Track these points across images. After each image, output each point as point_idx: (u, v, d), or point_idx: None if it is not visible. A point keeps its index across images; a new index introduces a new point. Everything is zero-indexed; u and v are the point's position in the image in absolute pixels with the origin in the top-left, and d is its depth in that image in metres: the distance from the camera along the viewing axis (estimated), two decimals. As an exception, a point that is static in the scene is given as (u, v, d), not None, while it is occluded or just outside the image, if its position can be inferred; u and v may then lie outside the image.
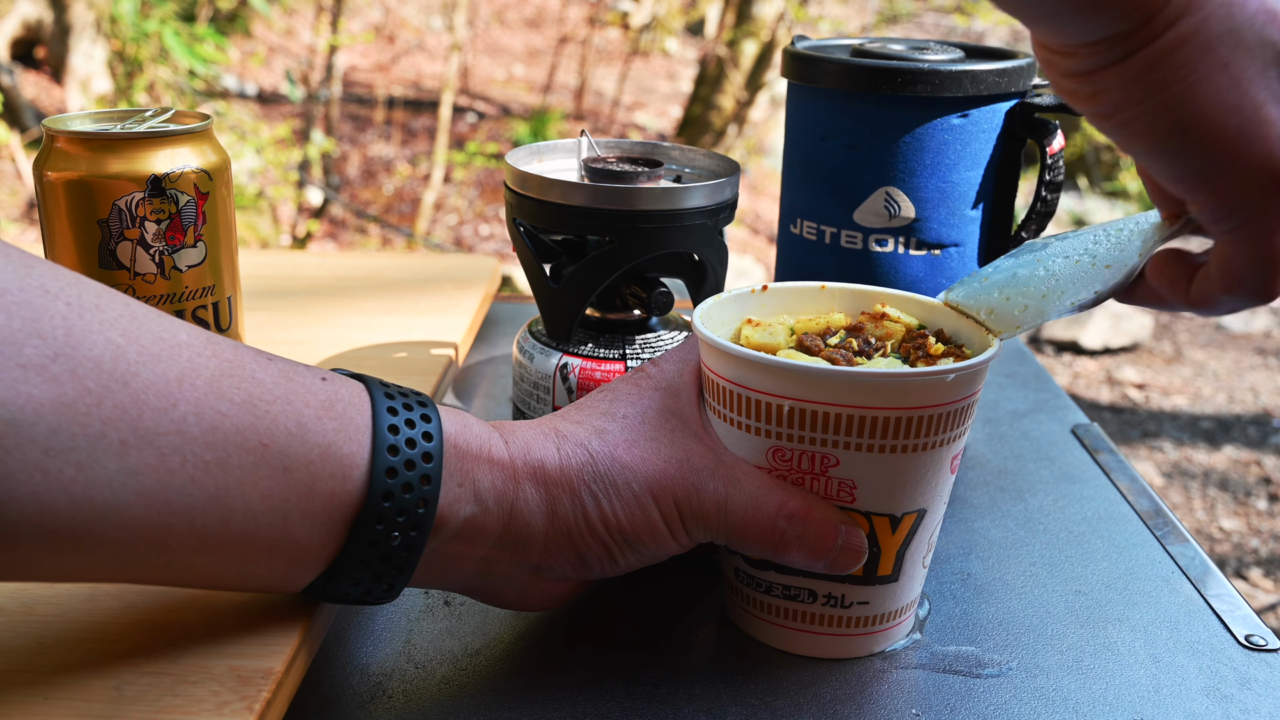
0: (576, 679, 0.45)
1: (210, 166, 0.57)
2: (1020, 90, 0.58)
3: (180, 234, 0.56)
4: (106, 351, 0.34)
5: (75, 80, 3.98)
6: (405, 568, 0.40)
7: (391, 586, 0.41)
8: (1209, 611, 0.51)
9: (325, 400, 0.39)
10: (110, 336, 0.34)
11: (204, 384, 0.36)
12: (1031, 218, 0.60)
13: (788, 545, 0.43)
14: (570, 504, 0.42)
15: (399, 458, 0.39)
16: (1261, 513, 2.49)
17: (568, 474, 0.42)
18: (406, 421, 0.40)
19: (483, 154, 4.59)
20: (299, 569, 0.39)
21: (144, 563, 0.36)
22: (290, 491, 0.37)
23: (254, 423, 0.36)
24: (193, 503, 0.35)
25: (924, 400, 0.42)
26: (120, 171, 0.54)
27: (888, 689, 0.45)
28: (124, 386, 0.34)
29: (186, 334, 0.37)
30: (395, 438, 0.39)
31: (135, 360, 0.34)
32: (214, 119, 0.59)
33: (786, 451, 0.43)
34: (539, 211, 0.55)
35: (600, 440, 0.43)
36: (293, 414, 0.37)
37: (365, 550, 0.39)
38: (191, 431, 0.35)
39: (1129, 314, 3.47)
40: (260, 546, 0.37)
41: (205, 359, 0.36)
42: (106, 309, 0.35)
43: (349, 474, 0.38)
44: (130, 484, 0.34)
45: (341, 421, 0.38)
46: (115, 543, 0.34)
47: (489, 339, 0.85)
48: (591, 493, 0.42)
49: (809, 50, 0.61)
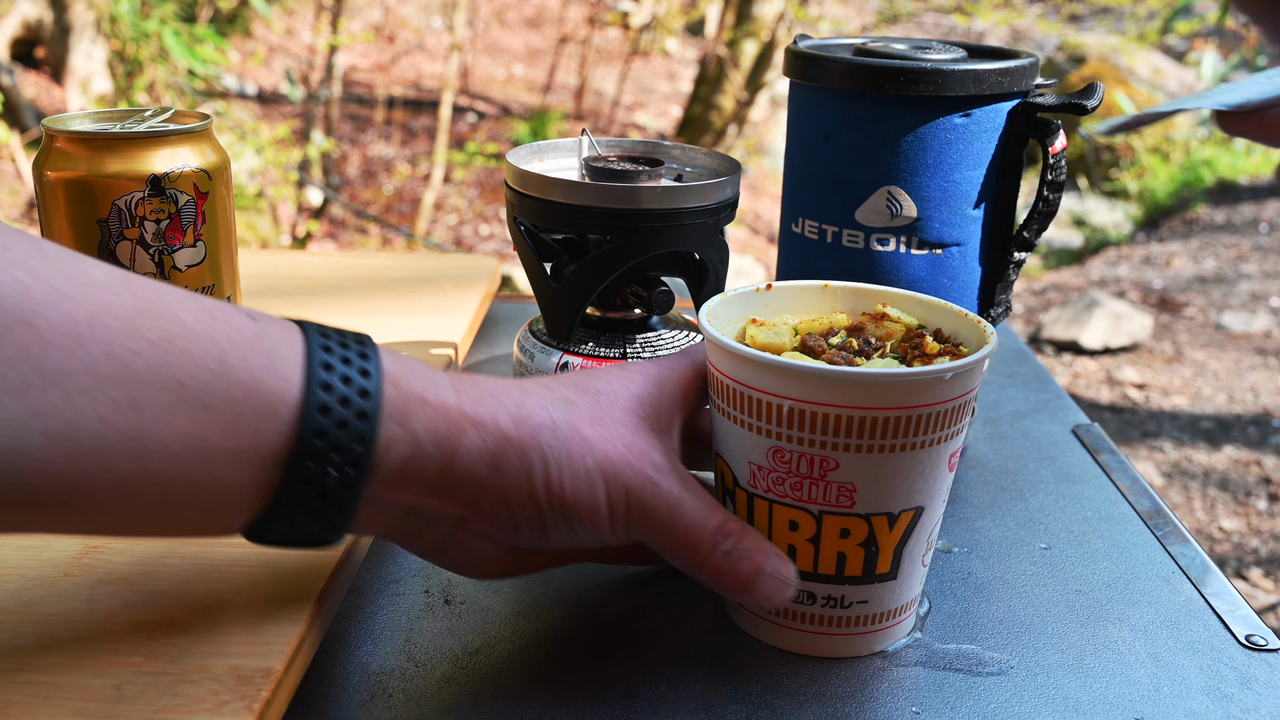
0: (576, 677, 0.45)
1: (210, 166, 0.57)
2: (1023, 90, 0.58)
3: (180, 234, 0.56)
4: (10, 291, 0.33)
5: (75, 80, 3.98)
6: (345, 507, 0.38)
7: (334, 526, 0.39)
8: (1209, 611, 0.51)
9: (251, 337, 0.37)
10: (16, 275, 0.33)
11: (117, 322, 0.34)
12: (1033, 217, 0.60)
13: (716, 562, 0.43)
14: (517, 461, 0.40)
15: (333, 395, 0.37)
16: (1261, 513, 2.49)
17: (522, 432, 0.41)
18: (342, 359, 0.38)
19: (483, 154, 4.59)
20: (230, 511, 0.38)
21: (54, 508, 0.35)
22: (212, 430, 0.35)
23: (170, 360, 0.35)
24: (103, 443, 0.34)
25: (922, 399, 0.42)
26: (120, 171, 0.54)
27: (888, 687, 0.45)
28: (27, 325, 0.33)
29: (103, 273, 0.36)
30: (329, 375, 0.37)
31: (41, 299, 0.33)
32: (214, 119, 0.59)
33: (786, 453, 0.43)
34: (540, 210, 0.55)
35: (565, 409, 0.42)
36: (215, 351, 0.36)
37: (300, 489, 0.37)
38: (101, 371, 0.34)
39: (1129, 314, 3.47)
40: (182, 487, 0.36)
41: (121, 297, 0.35)
42: (14, 249, 0.34)
43: (276, 410, 0.36)
44: (34, 424, 0.33)
45: (269, 358, 0.37)
46: (20, 486, 0.33)
47: (489, 339, 0.85)
48: (543, 457, 0.41)
49: (812, 49, 0.61)
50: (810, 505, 0.44)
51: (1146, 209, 5.26)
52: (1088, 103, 0.57)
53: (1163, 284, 4.00)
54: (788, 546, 0.45)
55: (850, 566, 0.45)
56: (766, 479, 0.44)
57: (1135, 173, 5.66)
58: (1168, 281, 4.03)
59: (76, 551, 0.47)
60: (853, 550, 0.44)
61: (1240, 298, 3.78)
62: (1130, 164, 5.76)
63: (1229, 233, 4.57)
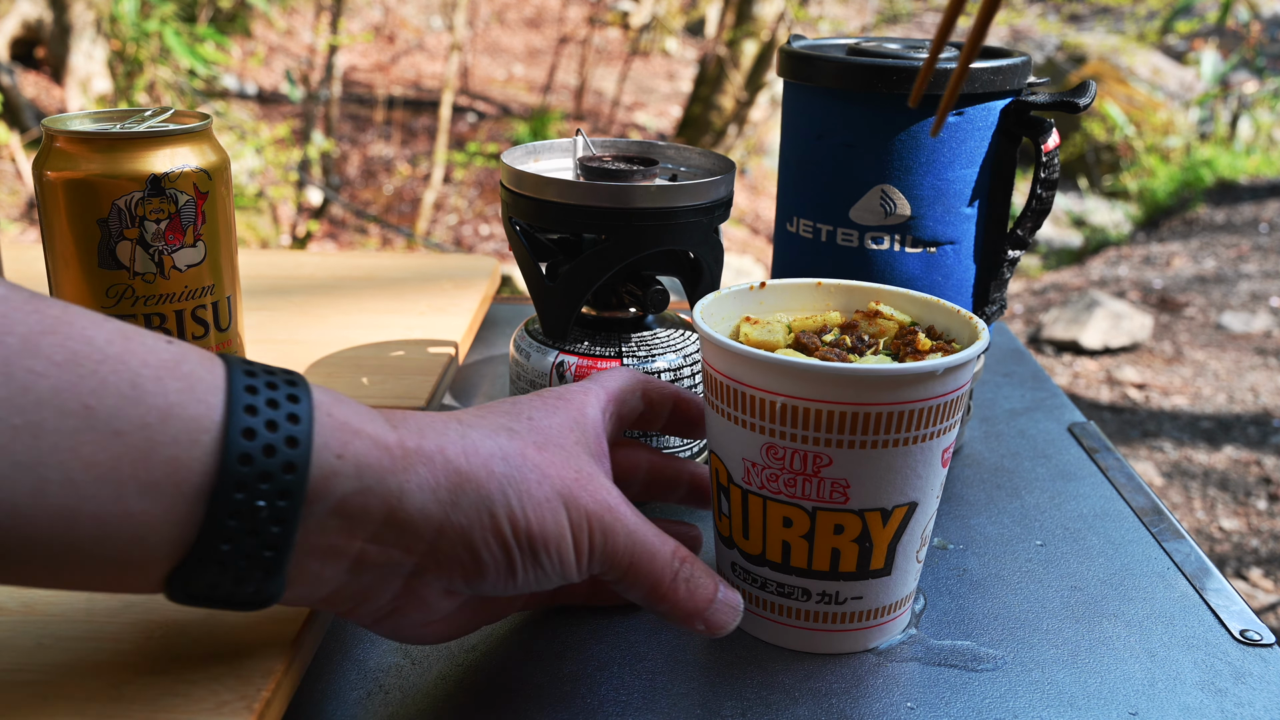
0: (573, 675, 0.45)
1: (210, 166, 0.57)
2: (1015, 88, 0.58)
3: (179, 234, 0.56)
4: None
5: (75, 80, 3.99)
6: (278, 545, 0.35)
7: (268, 572, 0.35)
8: (1204, 607, 0.51)
9: (169, 361, 0.34)
10: None
11: (17, 341, 0.32)
12: (1027, 215, 0.60)
13: (676, 587, 0.41)
14: (475, 497, 0.37)
15: (258, 418, 0.34)
16: (1261, 513, 2.50)
17: (473, 463, 0.38)
18: (268, 384, 0.35)
19: (482, 154, 4.60)
20: (146, 554, 0.34)
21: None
22: (122, 459, 0.32)
23: (77, 383, 0.32)
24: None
25: (914, 395, 0.42)
26: (120, 171, 0.54)
27: (883, 682, 0.45)
28: None
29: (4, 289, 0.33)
30: (253, 397, 0.35)
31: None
32: (214, 119, 0.59)
33: (779, 449, 0.43)
34: (535, 210, 0.56)
35: (509, 436, 0.40)
36: (127, 374, 0.33)
37: (226, 524, 0.34)
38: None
39: (1129, 314, 3.47)
40: (89, 525, 0.32)
41: (22, 315, 0.32)
42: None
43: (196, 438, 0.33)
44: None
45: (188, 382, 0.34)
46: None
47: (488, 339, 0.85)
48: (501, 489, 0.38)
49: (804, 49, 0.61)
50: (804, 501, 0.44)
51: (1146, 209, 5.26)
52: (1080, 100, 0.57)
53: (1163, 284, 4.00)
54: (782, 543, 0.45)
55: (845, 562, 0.45)
56: (761, 475, 0.44)
57: (1135, 173, 5.66)
58: (1168, 281, 4.03)
59: (76, 550, 0.47)
60: (846, 546, 0.45)
61: (1240, 298, 3.78)
62: (1130, 164, 5.76)
63: (1229, 233, 4.57)
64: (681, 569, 0.42)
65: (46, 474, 0.31)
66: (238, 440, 0.34)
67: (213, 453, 0.34)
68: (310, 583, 0.37)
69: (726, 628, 0.43)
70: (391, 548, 0.37)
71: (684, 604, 0.42)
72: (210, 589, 0.35)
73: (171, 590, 0.35)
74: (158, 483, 0.33)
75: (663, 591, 0.41)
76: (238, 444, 0.34)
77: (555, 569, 0.39)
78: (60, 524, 0.32)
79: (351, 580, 0.38)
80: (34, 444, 0.31)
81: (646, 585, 0.41)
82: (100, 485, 0.32)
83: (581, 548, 0.40)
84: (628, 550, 0.40)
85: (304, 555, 0.36)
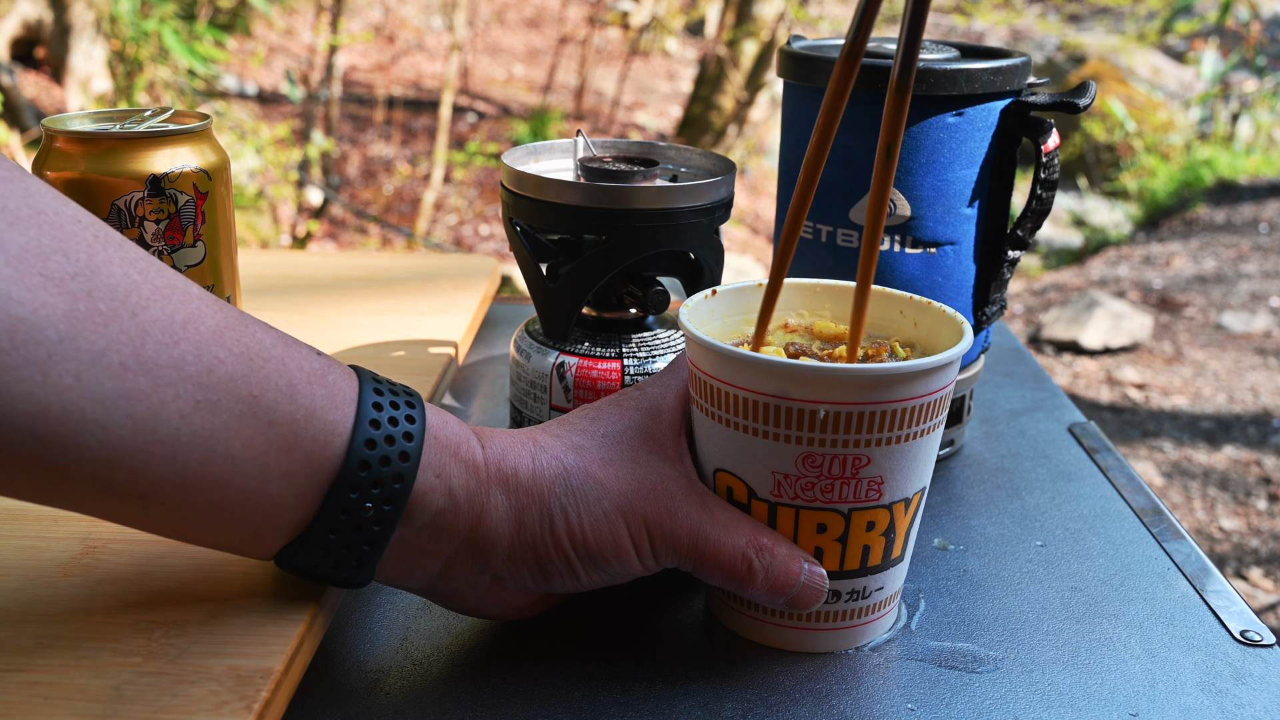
0: (573, 676, 0.45)
1: (210, 166, 0.57)
2: (1015, 89, 0.58)
3: (179, 234, 0.56)
4: (122, 282, 0.36)
5: (75, 80, 3.98)
6: (376, 542, 0.40)
7: (361, 563, 0.41)
8: (1204, 607, 0.51)
9: (318, 370, 0.40)
10: (128, 271, 0.36)
11: (207, 330, 0.37)
12: (1027, 215, 0.60)
13: (753, 576, 0.44)
14: (538, 515, 0.43)
15: (380, 432, 0.40)
16: (1261, 513, 2.50)
17: (539, 484, 0.43)
18: (391, 403, 0.41)
19: (483, 154, 4.60)
20: (272, 529, 0.40)
21: (120, 491, 0.36)
22: (271, 445, 0.38)
23: (248, 374, 0.37)
24: (177, 436, 0.36)
25: (937, 384, 0.44)
26: (119, 171, 0.54)
27: (883, 683, 0.45)
28: (133, 316, 0.35)
29: (198, 290, 0.39)
30: (379, 414, 0.40)
31: (147, 296, 0.36)
32: (214, 119, 0.59)
33: (818, 457, 0.43)
34: (535, 211, 0.56)
35: (576, 455, 0.44)
36: (285, 374, 0.39)
37: (337, 518, 0.39)
38: (188, 369, 0.36)
39: (1129, 314, 3.47)
40: (235, 496, 0.38)
41: (212, 311, 0.38)
42: (129, 250, 0.37)
43: (330, 439, 0.39)
44: (122, 406, 0.35)
45: (330, 390, 0.40)
46: (96, 460, 0.35)
47: (488, 339, 0.85)
48: (561, 506, 0.43)
49: (804, 50, 0.61)
50: (840, 505, 0.44)
51: (1146, 209, 5.26)
52: (1080, 101, 0.57)
53: (1163, 284, 4.00)
54: (815, 549, 0.45)
55: (873, 557, 0.46)
56: (794, 486, 0.44)
57: (1135, 173, 5.66)
58: (1168, 281, 4.03)
59: (76, 551, 0.47)
60: (875, 541, 0.45)
61: (1240, 298, 3.78)
62: (1130, 164, 5.76)
63: (1229, 233, 4.57)
64: (757, 559, 0.44)
65: (215, 447, 0.37)
66: (361, 448, 0.39)
67: (340, 454, 0.39)
68: (402, 573, 0.43)
69: (809, 607, 0.45)
70: (473, 557, 0.43)
71: (764, 591, 0.44)
72: (312, 566, 0.41)
73: (280, 561, 0.41)
74: (294, 471, 0.39)
75: (739, 581, 0.44)
76: (360, 451, 0.39)
77: (618, 572, 0.44)
78: (216, 492, 0.38)
79: (440, 583, 0.44)
80: (209, 419, 0.37)
81: (721, 577, 0.44)
82: (251, 465, 0.38)
83: (644, 552, 0.44)
84: (692, 548, 0.44)
85: (397, 554, 0.42)
